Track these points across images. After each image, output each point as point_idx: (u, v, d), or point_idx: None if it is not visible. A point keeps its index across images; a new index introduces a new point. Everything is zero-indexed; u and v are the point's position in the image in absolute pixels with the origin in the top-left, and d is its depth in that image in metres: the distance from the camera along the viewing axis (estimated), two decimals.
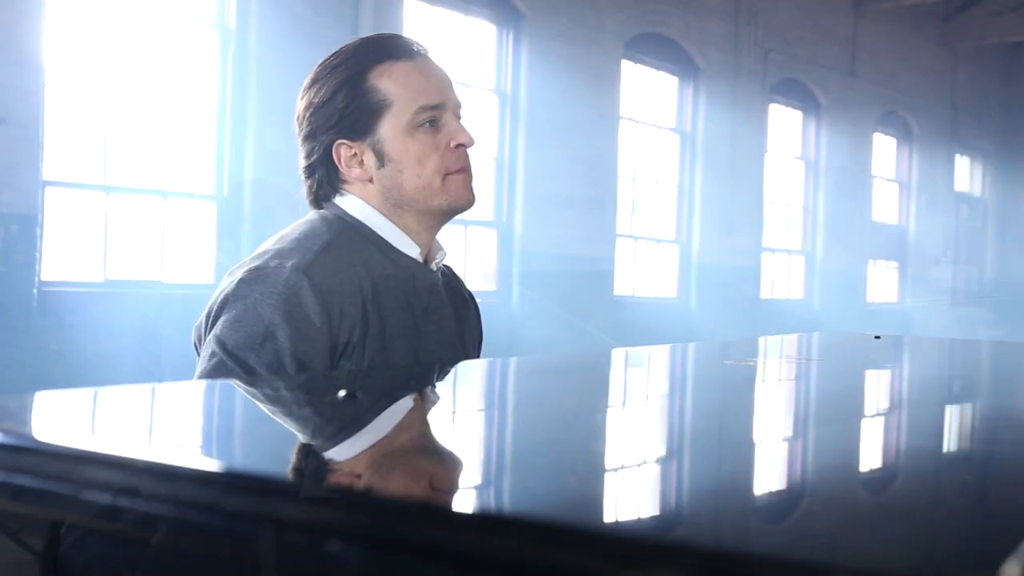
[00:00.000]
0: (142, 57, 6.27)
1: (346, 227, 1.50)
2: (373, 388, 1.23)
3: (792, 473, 0.76)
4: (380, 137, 1.48)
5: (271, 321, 1.36)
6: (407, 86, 1.48)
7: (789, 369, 1.49)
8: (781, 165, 12.18)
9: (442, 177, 1.50)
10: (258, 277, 1.40)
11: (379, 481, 0.69)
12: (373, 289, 1.45)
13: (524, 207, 8.66)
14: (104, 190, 6.16)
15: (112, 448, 0.74)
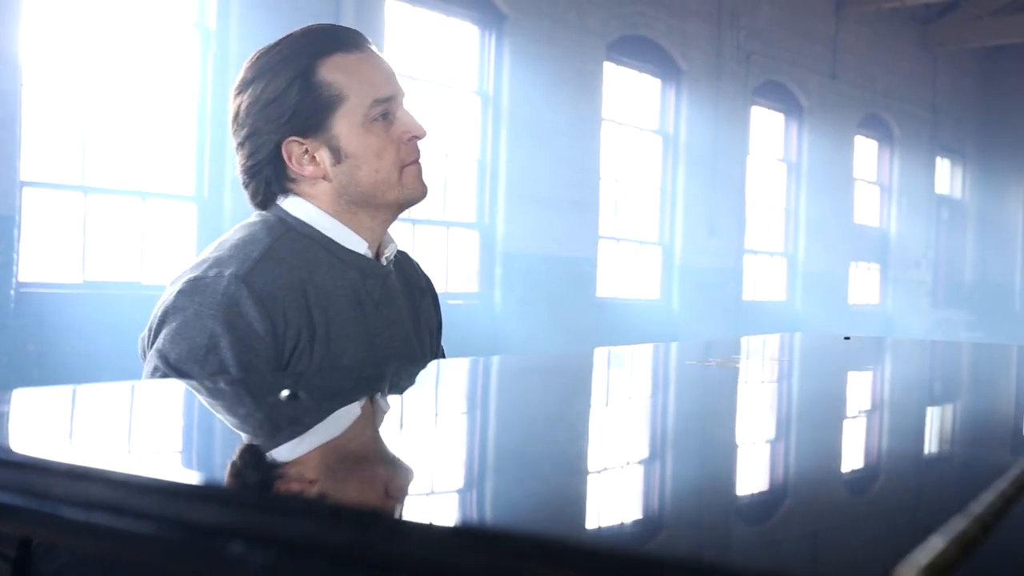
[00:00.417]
0: (121, 57, 6.23)
1: (288, 229, 1.47)
2: (315, 390, 1.22)
3: (684, 474, 0.75)
4: (335, 133, 1.45)
5: (213, 332, 1.33)
6: (360, 79, 1.45)
7: (742, 370, 1.49)
8: (763, 167, 12.22)
9: (399, 170, 1.48)
10: (197, 288, 1.37)
11: (332, 489, 0.67)
12: (318, 291, 1.43)
13: (506, 208, 8.66)
14: (83, 191, 6.12)
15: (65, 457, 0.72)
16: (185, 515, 0.59)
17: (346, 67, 1.44)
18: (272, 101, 1.43)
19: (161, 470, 0.65)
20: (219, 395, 1.14)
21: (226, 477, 0.70)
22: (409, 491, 0.67)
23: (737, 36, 11.14)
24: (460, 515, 0.60)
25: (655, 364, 1.67)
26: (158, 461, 0.76)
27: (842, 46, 13.06)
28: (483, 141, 8.62)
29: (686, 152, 10.62)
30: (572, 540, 0.52)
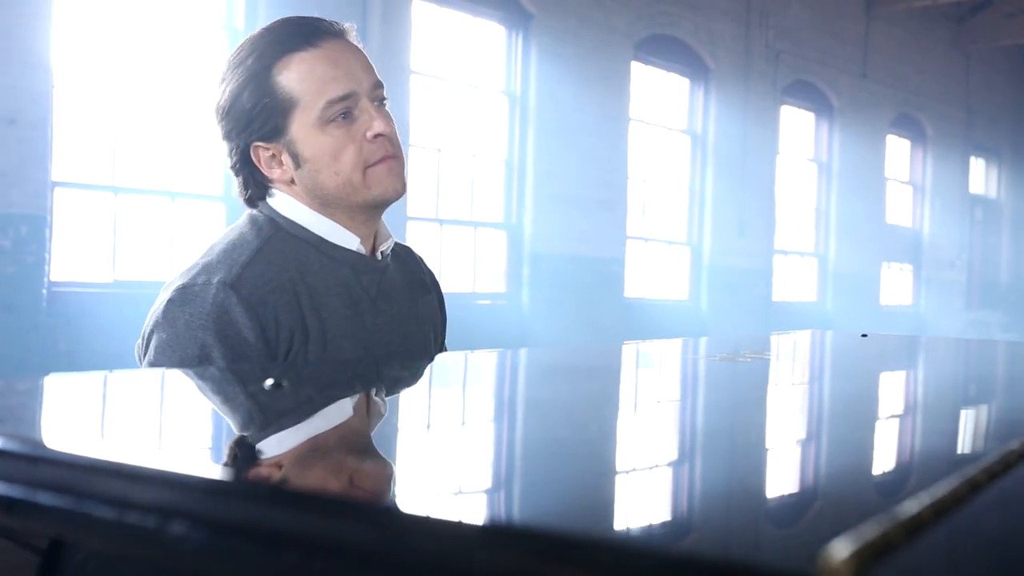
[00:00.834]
0: (150, 58, 6.30)
1: (278, 229, 1.44)
2: (303, 383, 1.21)
3: (626, 460, 0.74)
4: (292, 137, 1.41)
5: (204, 343, 1.32)
6: (311, 79, 1.39)
7: (735, 366, 1.47)
8: (793, 167, 12.14)
9: (362, 171, 1.42)
10: (186, 298, 1.35)
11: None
12: (310, 291, 1.40)
13: (534, 208, 8.65)
14: (113, 191, 6.19)
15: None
16: (221, 514, 0.57)
17: (297, 68, 1.39)
18: (231, 107, 1.41)
19: (196, 466, 0.63)
20: (245, 385, 1.14)
21: (254, 473, 0.67)
22: (433, 489, 0.64)
23: (766, 35, 11.07)
24: (492, 514, 0.58)
25: (659, 359, 1.66)
26: (192, 455, 0.74)
27: (873, 45, 12.95)
28: (510, 141, 8.62)
29: (715, 152, 10.57)
30: (561, 534, 0.51)
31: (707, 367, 1.37)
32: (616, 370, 1.42)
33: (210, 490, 0.59)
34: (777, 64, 11.29)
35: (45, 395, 1.05)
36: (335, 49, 1.41)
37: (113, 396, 1.05)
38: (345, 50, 1.43)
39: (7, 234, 5.54)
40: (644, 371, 1.46)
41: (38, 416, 0.91)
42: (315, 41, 1.40)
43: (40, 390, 1.08)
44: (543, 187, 8.69)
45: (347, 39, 1.44)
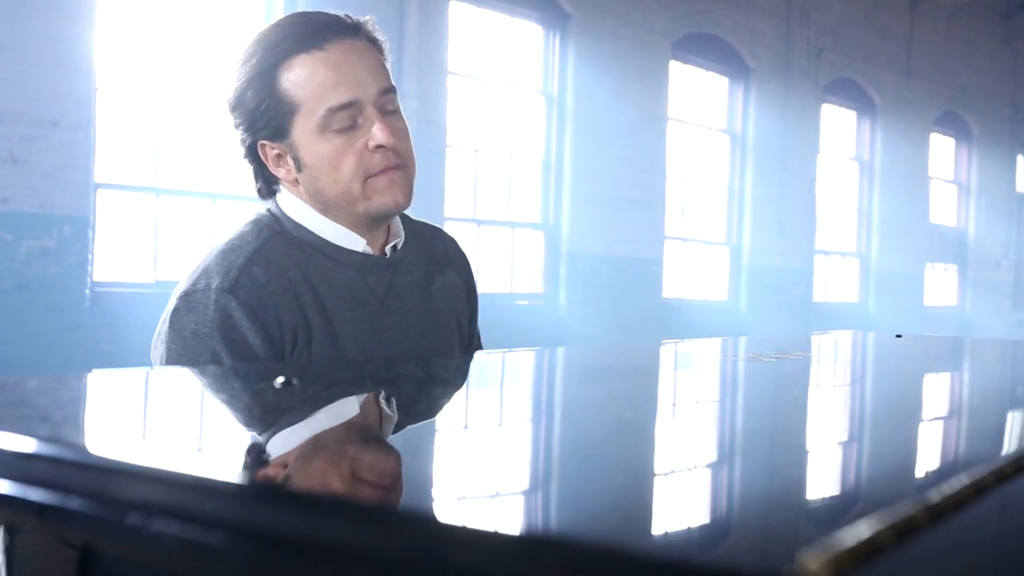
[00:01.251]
0: (191, 60, 6.37)
1: (280, 230, 1.42)
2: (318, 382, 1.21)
3: (608, 461, 0.73)
4: (294, 140, 1.38)
5: (213, 350, 1.32)
6: (313, 84, 1.35)
7: (755, 366, 1.46)
8: (834, 166, 12.01)
9: (362, 181, 1.38)
10: (190, 305, 1.35)
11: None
12: (313, 292, 1.38)
13: (571, 209, 8.64)
14: (154, 192, 6.27)
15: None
16: (254, 521, 0.55)
17: (300, 71, 1.35)
18: (237, 103, 1.39)
19: (231, 472, 0.62)
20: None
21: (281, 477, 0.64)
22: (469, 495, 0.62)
23: (807, 33, 10.96)
24: (530, 526, 0.57)
25: (677, 358, 1.64)
26: (224, 460, 0.72)
27: (917, 42, 12.77)
28: (547, 141, 8.61)
29: (754, 151, 10.48)
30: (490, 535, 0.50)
31: (724, 367, 1.36)
32: (623, 370, 1.41)
33: (242, 497, 0.57)
34: (819, 62, 11.17)
35: (82, 394, 1.04)
36: (341, 52, 1.37)
37: (151, 395, 1.04)
38: (352, 52, 1.37)
39: (51, 235, 5.64)
40: (657, 369, 1.45)
41: (73, 417, 0.89)
42: (320, 43, 1.36)
43: (77, 388, 1.08)
44: (580, 187, 8.67)
45: (358, 38, 1.39)
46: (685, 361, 1.54)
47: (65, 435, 0.79)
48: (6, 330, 5.48)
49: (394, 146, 1.38)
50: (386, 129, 1.37)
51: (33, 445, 0.65)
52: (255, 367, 1.25)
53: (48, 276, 5.64)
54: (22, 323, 5.53)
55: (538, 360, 1.55)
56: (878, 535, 0.44)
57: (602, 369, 1.42)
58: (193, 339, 1.32)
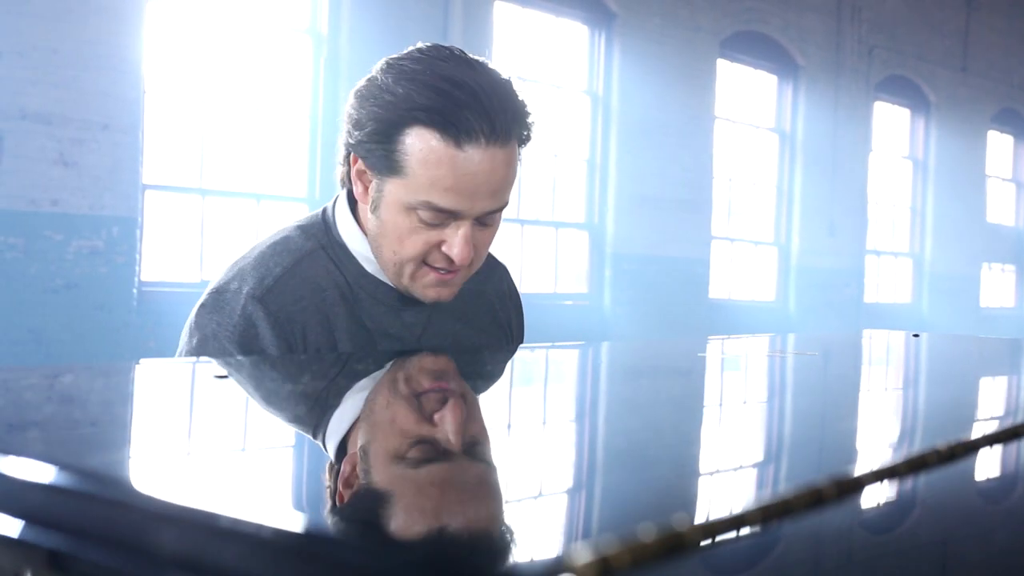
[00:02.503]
0: (237, 63, 6.45)
1: (328, 243, 1.39)
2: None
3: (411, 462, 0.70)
4: (384, 191, 1.31)
5: (230, 354, 1.31)
6: (429, 172, 1.26)
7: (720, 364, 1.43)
8: (887, 165, 11.81)
9: (417, 266, 1.34)
10: (217, 304, 1.33)
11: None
12: (348, 317, 1.36)
13: (616, 209, 8.60)
14: (200, 193, 6.36)
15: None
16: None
17: (429, 155, 1.25)
18: (355, 120, 1.31)
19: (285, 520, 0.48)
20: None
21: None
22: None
23: (859, 30, 10.80)
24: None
25: (646, 354, 1.62)
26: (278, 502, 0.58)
27: (973, 38, 12.51)
28: (592, 141, 8.58)
29: (804, 150, 10.35)
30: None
31: (676, 364, 1.33)
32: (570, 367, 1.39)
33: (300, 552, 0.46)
34: (870, 59, 11.00)
35: (116, 400, 0.98)
36: (475, 162, 1.26)
37: (201, 403, 0.97)
38: (486, 165, 1.26)
39: (100, 235, 5.74)
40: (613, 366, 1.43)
41: (101, 436, 0.76)
42: (462, 140, 1.24)
43: (110, 390, 1.03)
44: (626, 187, 8.63)
45: (503, 146, 1.27)
46: (672, 357, 1.52)
47: (87, 460, 0.64)
48: (55, 329, 5.59)
49: (463, 264, 1.32)
50: (467, 249, 1.30)
51: (43, 473, 0.54)
52: (316, 374, 1.20)
53: (97, 276, 5.74)
54: (71, 322, 5.64)
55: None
56: (656, 542, 0.43)
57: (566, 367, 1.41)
58: (212, 340, 1.31)
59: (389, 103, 1.26)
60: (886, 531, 0.59)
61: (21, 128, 5.46)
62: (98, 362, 5.55)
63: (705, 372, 1.39)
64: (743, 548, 0.49)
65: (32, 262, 5.53)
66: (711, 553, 0.47)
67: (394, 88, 1.26)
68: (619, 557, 0.41)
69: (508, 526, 0.52)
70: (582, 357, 1.64)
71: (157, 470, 0.64)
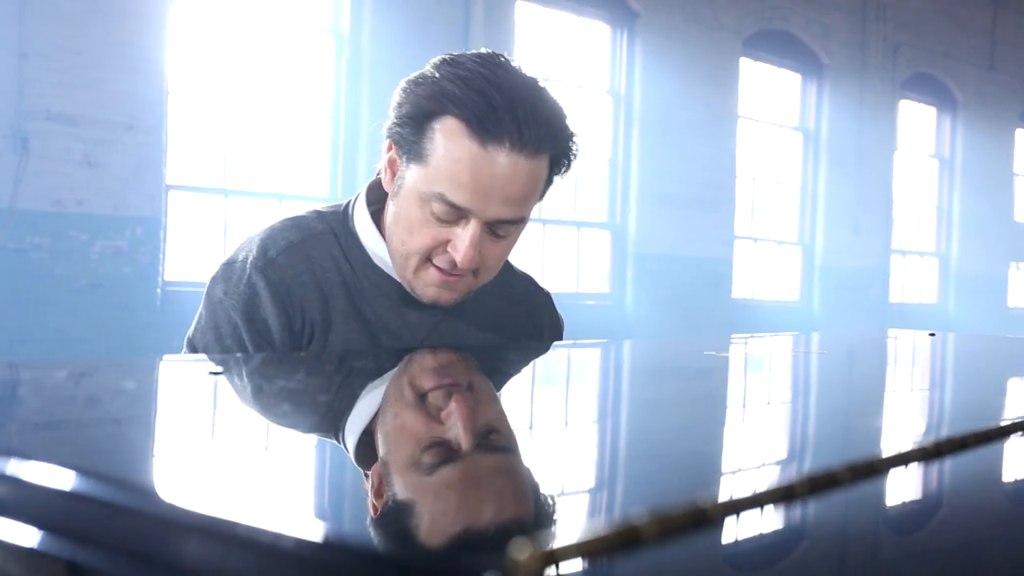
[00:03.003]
0: (260, 64, 6.49)
1: (341, 231, 1.41)
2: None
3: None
4: (405, 176, 1.32)
5: (235, 323, 1.34)
6: (448, 165, 1.27)
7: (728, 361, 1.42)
8: (913, 163, 11.71)
9: (421, 261, 1.34)
10: (226, 274, 1.37)
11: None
12: (348, 299, 1.37)
13: (638, 208, 8.58)
14: (223, 193, 6.40)
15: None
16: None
17: (452, 146, 1.26)
18: (396, 103, 1.32)
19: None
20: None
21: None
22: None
23: (884, 28, 10.71)
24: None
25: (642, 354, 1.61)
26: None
27: (1001, 35, 12.38)
28: (614, 140, 8.56)
29: (828, 149, 10.28)
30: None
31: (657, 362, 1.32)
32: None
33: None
34: (895, 57, 10.91)
35: (142, 399, 0.97)
36: (495, 163, 1.26)
37: (228, 403, 0.97)
38: (507, 170, 1.26)
39: (124, 235, 5.79)
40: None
41: (124, 440, 0.72)
42: (488, 140, 1.25)
43: (134, 389, 1.02)
44: (648, 187, 8.60)
45: (532, 158, 1.27)
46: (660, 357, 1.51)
47: (107, 466, 0.61)
48: (80, 328, 5.64)
49: (466, 271, 1.33)
50: (471, 252, 1.30)
51: (61, 479, 0.51)
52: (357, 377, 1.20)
53: (121, 276, 5.79)
54: (95, 321, 5.69)
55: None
56: (601, 539, 0.43)
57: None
58: (219, 307, 1.35)
59: (427, 89, 1.28)
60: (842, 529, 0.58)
61: (46, 129, 5.52)
62: (113, 359, 5.61)
63: (705, 369, 1.38)
64: (702, 544, 0.48)
65: (57, 262, 5.59)
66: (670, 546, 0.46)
67: (435, 77, 1.29)
68: (566, 551, 0.41)
69: (465, 519, 0.52)
70: (590, 355, 1.63)
71: (182, 476, 0.61)
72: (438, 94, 1.27)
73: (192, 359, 1.32)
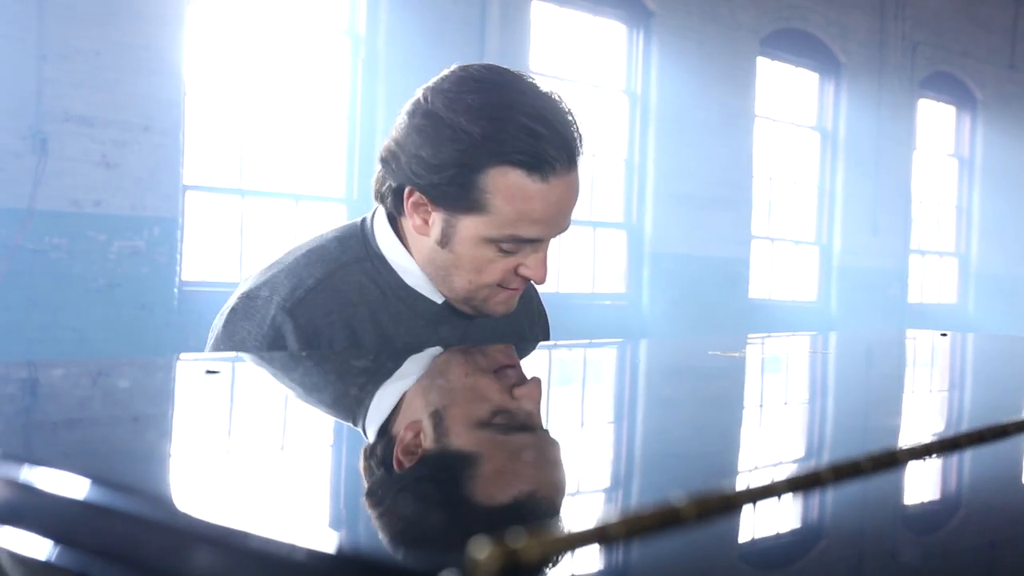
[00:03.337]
0: (276, 65, 6.52)
1: (365, 256, 1.39)
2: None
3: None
4: (457, 227, 1.30)
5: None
6: (516, 209, 1.27)
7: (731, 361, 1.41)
8: (932, 163, 11.63)
9: (492, 289, 1.35)
10: (248, 311, 1.33)
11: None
12: (378, 333, 1.36)
13: (654, 208, 8.56)
14: (240, 194, 6.43)
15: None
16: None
17: (515, 192, 1.26)
18: (422, 159, 1.27)
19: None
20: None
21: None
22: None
23: (902, 26, 10.65)
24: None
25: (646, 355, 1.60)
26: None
27: (1022, 34, 12.27)
28: (631, 140, 8.55)
29: (846, 148, 10.23)
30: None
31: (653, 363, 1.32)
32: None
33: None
34: (914, 56, 10.84)
35: (163, 401, 0.96)
36: (559, 192, 1.28)
37: (236, 402, 0.96)
38: (566, 192, 1.30)
39: (141, 236, 5.82)
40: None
41: (141, 447, 0.69)
42: (548, 174, 1.26)
43: (156, 390, 1.01)
44: (664, 186, 8.58)
45: (575, 169, 1.31)
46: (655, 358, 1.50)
47: (120, 473, 0.58)
48: (98, 328, 5.68)
49: (543, 283, 1.38)
50: (544, 268, 1.34)
51: (74, 487, 0.48)
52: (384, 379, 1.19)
53: (138, 276, 5.83)
54: (113, 321, 5.73)
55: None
56: (564, 538, 0.43)
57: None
58: (241, 347, 1.32)
59: (467, 145, 1.25)
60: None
61: (65, 130, 5.56)
62: (125, 357, 5.64)
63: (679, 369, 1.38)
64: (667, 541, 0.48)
65: (75, 262, 5.62)
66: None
67: (470, 129, 1.25)
68: (528, 550, 0.41)
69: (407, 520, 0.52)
70: (592, 355, 1.63)
71: (197, 484, 0.59)
72: (482, 149, 1.25)
73: (208, 357, 1.32)
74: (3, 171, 5.40)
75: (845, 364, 1.55)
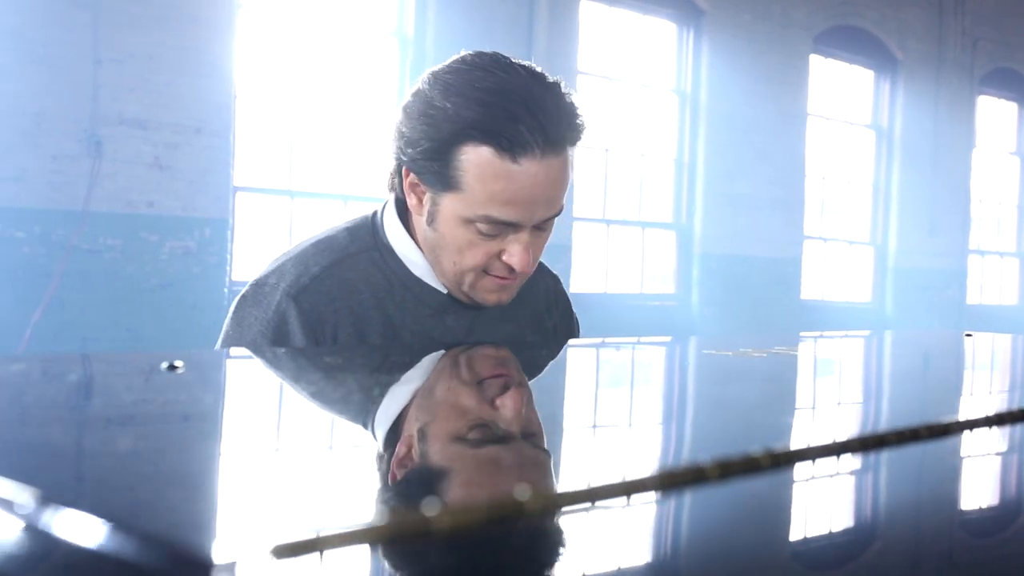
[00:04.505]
0: (325, 67, 6.58)
1: (374, 246, 1.40)
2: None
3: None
4: (440, 205, 1.32)
5: (262, 346, 1.33)
6: (487, 188, 1.27)
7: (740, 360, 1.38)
8: (992, 161, 11.37)
9: (477, 275, 1.35)
10: (256, 297, 1.36)
11: None
12: (384, 322, 1.37)
13: (704, 208, 8.48)
14: (289, 194, 6.50)
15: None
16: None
17: (485, 170, 1.26)
18: (403, 135, 1.31)
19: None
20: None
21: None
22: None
23: (962, 22, 10.42)
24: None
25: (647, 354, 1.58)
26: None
27: None
28: (680, 140, 8.49)
29: (902, 146, 10.05)
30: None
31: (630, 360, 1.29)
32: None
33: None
34: (974, 52, 10.61)
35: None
36: (532, 174, 1.27)
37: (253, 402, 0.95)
38: (543, 175, 1.27)
39: (192, 236, 5.92)
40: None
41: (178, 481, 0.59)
42: (518, 154, 1.25)
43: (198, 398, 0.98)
44: (714, 186, 8.51)
45: (559, 154, 1.29)
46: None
47: (146, 517, 0.49)
48: (150, 327, 5.79)
49: (525, 272, 1.35)
50: (526, 258, 1.33)
51: (91, 534, 0.43)
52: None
53: (190, 276, 5.93)
54: (164, 321, 5.83)
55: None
56: (339, 536, 0.42)
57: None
58: (248, 330, 1.34)
59: (440, 120, 1.26)
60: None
61: (119, 133, 5.67)
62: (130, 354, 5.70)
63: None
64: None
65: (129, 262, 5.74)
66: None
67: (442, 104, 1.26)
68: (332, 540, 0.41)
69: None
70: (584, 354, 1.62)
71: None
72: (450, 122, 1.26)
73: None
74: (60, 174, 5.53)
75: (825, 365, 1.52)
